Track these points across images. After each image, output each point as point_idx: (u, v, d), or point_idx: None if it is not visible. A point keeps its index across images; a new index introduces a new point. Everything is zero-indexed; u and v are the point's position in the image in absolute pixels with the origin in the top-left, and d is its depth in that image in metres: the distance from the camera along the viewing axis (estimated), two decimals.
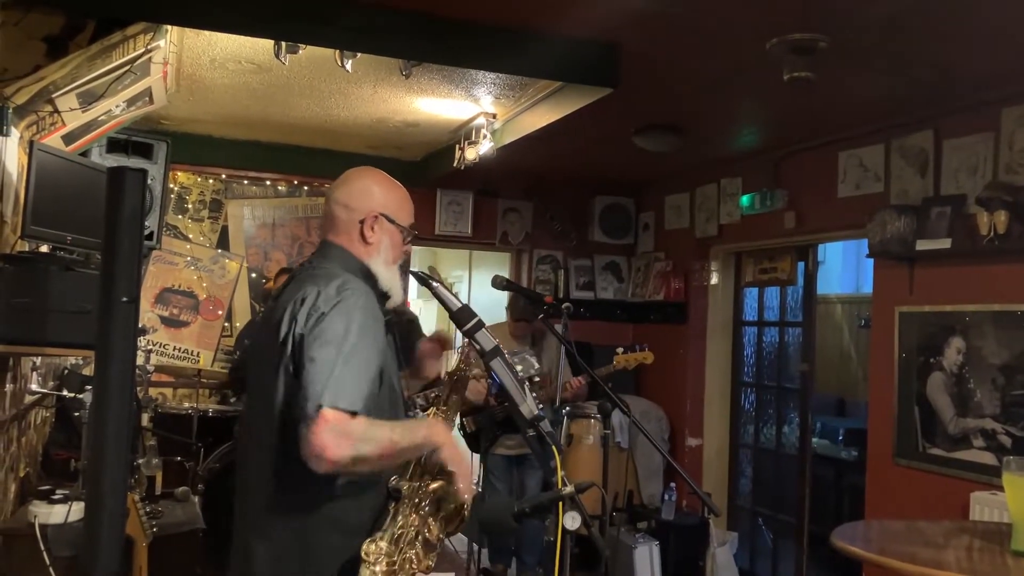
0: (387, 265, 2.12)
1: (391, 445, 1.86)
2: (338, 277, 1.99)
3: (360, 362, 1.86)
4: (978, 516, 3.87)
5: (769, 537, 6.12)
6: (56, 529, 3.21)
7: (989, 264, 4.13)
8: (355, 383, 1.83)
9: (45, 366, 4.16)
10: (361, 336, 1.88)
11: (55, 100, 3.40)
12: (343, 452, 1.77)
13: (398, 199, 2.17)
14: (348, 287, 1.95)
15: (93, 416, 2.50)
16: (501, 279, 3.55)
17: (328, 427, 1.77)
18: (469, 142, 5.27)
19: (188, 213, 6.28)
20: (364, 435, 1.81)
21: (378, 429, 1.85)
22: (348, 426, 1.79)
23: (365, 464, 1.84)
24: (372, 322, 1.95)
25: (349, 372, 1.83)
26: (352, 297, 1.93)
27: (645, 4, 3.25)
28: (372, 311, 1.97)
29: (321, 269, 2.05)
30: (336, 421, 1.78)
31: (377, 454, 1.84)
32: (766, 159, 5.64)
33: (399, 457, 1.91)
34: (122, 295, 2.28)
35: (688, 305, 6.55)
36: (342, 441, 1.77)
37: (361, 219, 2.09)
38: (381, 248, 2.11)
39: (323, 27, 3.46)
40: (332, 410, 1.78)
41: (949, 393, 4.32)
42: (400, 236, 2.15)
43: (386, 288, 2.12)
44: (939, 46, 3.56)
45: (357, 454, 1.80)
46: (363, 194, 2.13)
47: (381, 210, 2.11)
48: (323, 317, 1.88)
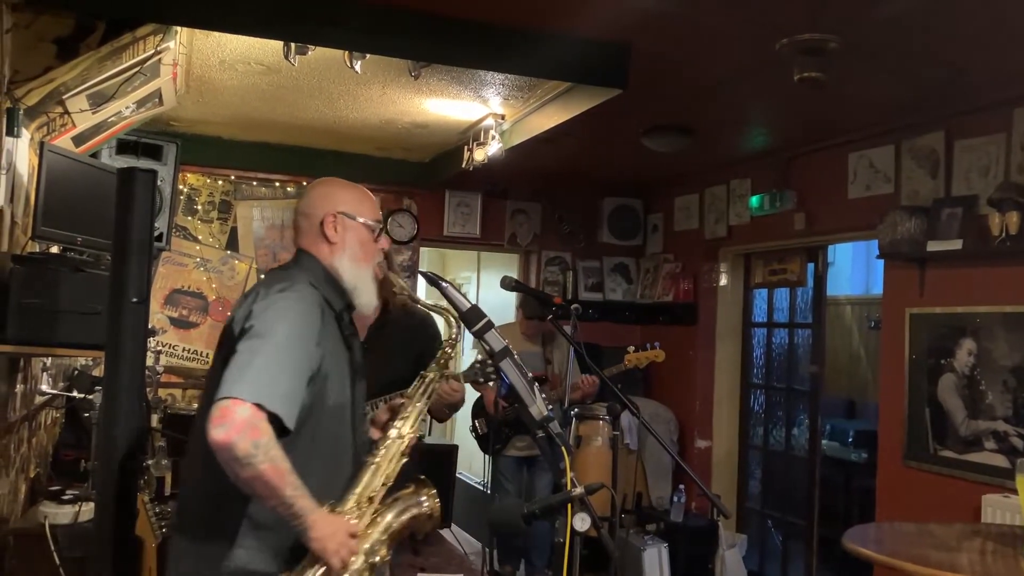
0: (355, 262, 2.10)
1: (279, 478, 1.77)
2: (286, 281, 2.00)
3: (282, 362, 1.83)
4: (990, 519, 3.85)
5: (778, 539, 6.10)
6: (66, 529, 3.22)
7: (1001, 265, 4.10)
8: (271, 380, 1.80)
9: (55, 367, 4.17)
10: (288, 338, 1.86)
11: (65, 101, 3.41)
12: (231, 437, 1.71)
13: (356, 196, 2.16)
14: (291, 290, 1.95)
15: (103, 416, 2.51)
16: (510, 280, 3.55)
17: (228, 411, 1.73)
18: (478, 143, 5.27)
19: (197, 214, 6.29)
20: (261, 440, 1.74)
21: (280, 456, 1.77)
22: (248, 417, 1.74)
23: (246, 470, 1.74)
24: (306, 329, 1.92)
25: (266, 369, 1.80)
26: (287, 301, 1.92)
27: (654, 4, 3.25)
28: (310, 318, 1.94)
29: (279, 273, 2.10)
30: (236, 407, 1.74)
31: (261, 471, 1.74)
32: (776, 160, 5.62)
33: (276, 497, 1.79)
34: (132, 296, 2.29)
35: (697, 306, 6.53)
36: (237, 428, 1.72)
37: (321, 220, 2.09)
38: (347, 246, 2.10)
39: (332, 28, 3.47)
40: (238, 400, 1.74)
41: (960, 395, 4.29)
42: (367, 233, 2.13)
43: (350, 286, 2.09)
44: (950, 46, 3.54)
45: (245, 452, 1.72)
46: (319, 198, 2.14)
47: (339, 208, 2.10)
48: (255, 315, 1.89)
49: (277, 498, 1.78)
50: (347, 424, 2.07)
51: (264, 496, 1.79)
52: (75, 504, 3.36)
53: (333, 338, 2.03)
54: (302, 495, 1.81)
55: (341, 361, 2.05)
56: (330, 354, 1.99)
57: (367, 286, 2.12)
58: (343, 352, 2.07)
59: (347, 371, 2.08)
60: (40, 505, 3.41)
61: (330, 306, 2.05)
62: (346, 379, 2.07)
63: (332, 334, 2.02)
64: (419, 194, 6.68)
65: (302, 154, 6.36)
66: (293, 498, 1.79)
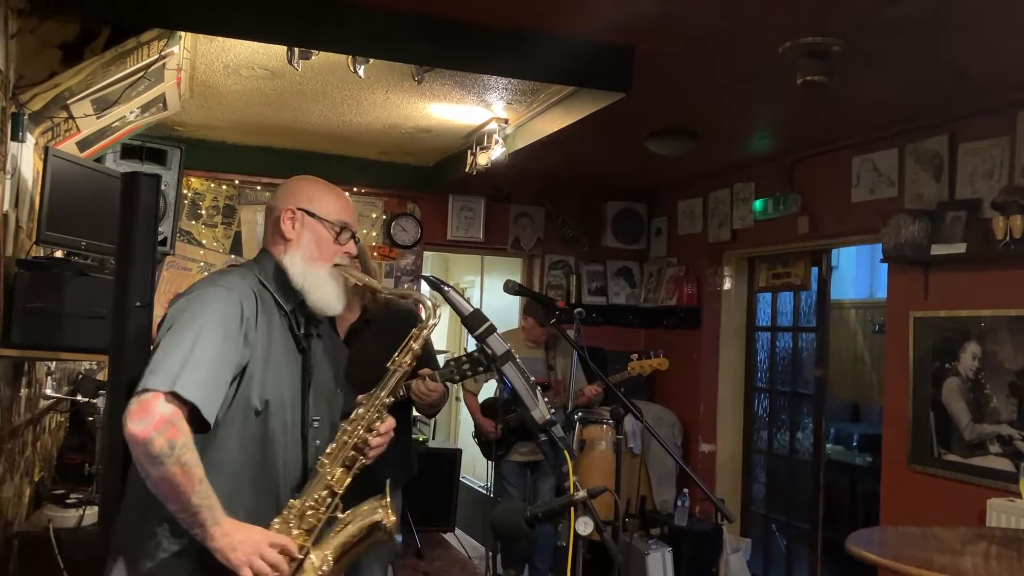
0: (307, 261, 2.01)
1: (188, 483, 1.71)
2: (217, 277, 1.96)
3: (198, 355, 1.76)
4: (995, 523, 3.84)
5: (783, 543, 6.08)
6: (70, 533, 3.22)
7: (1005, 269, 4.09)
8: (188, 370, 1.74)
9: (60, 371, 4.18)
10: (204, 331, 1.79)
11: (70, 106, 3.43)
12: (148, 433, 1.67)
13: (321, 194, 2.07)
14: (212, 286, 1.89)
15: (107, 420, 2.51)
16: (514, 284, 3.55)
17: (148, 405, 1.70)
18: (481, 147, 5.28)
19: (202, 219, 6.31)
20: (178, 441, 1.69)
21: (194, 461, 1.72)
22: (168, 415, 1.70)
23: (157, 469, 1.69)
24: (227, 324, 1.83)
25: (182, 359, 1.74)
26: (205, 296, 1.86)
27: (658, 8, 3.25)
28: (227, 313, 1.85)
29: (221, 271, 2.05)
30: (156, 401, 1.70)
31: (171, 473, 1.69)
32: (779, 163, 5.62)
33: (180, 502, 1.72)
34: (136, 300, 2.29)
35: (701, 310, 6.53)
36: (155, 424, 1.68)
37: (279, 215, 2.03)
38: (301, 243, 2.01)
39: (335, 33, 3.47)
40: (158, 393, 1.70)
41: (965, 399, 4.28)
42: (327, 233, 2.03)
43: (298, 285, 1.99)
44: (953, 49, 3.54)
45: (160, 450, 1.67)
46: (284, 193, 2.07)
47: (300, 204, 2.03)
48: (175, 311, 1.85)
49: (181, 503, 1.72)
50: (288, 428, 1.96)
51: (169, 499, 1.73)
52: (79, 508, 3.37)
53: (276, 339, 1.95)
54: (209, 506, 1.74)
55: (285, 362, 1.97)
56: (264, 354, 1.91)
57: (321, 287, 2.01)
58: (292, 354, 2.00)
59: (295, 372, 1.99)
60: (44, 509, 3.42)
61: (278, 305, 1.98)
62: (293, 380, 1.98)
63: (275, 335, 1.95)
64: (423, 198, 6.68)
65: (306, 159, 6.37)
66: (199, 507, 1.73)
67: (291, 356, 2.00)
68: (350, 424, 1.97)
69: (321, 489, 1.92)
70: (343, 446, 1.95)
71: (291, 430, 1.97)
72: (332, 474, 1.93)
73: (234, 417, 1.87)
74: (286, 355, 1.98)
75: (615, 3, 3.26)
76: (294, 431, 1.98)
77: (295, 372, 2.00)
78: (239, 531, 1.79)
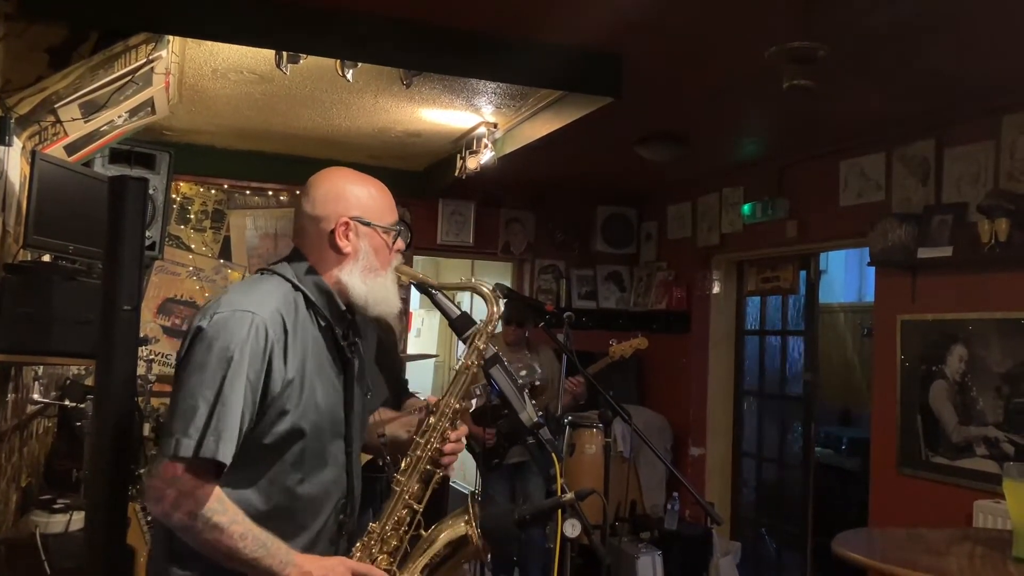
0: (368, 274, 1.85)
1: (231, 542, 1.63)
2: (252, 288, 1.79)
3: (216, 399, 1.63)
4: (982, 524, 3.86)
5: (773, 547, 6.10)
6: (57, 539, 3.21)
7: (991, 272, 4.12)
8: (205, 421, 1.61)
9: (47, 376, 4.16)
10: (229, 382, 1.63)
11: (57, 110, 3.42)
12: (165, 512, 1.62)
13: (371, 196, 1.88)
14: (244, 308, 1.69)
15: (94, 425, 2.51)
16: (503, 288, 3.55)
17: (161, 485, 1.62)
18: (470, 152, 5.28)
19: (190, 223, 6.29)
20: (199, 511, 1.61)
21: (228, 519, 1.63)
22: (181, 490, 1.61)
23: (194, 539, 1.64)
24: (249, 367, 1.66)
25: (198, 408, 1.62)
26: (233, 324, 1.67)
27: (646, 13, 3.26)
28: (256, 352, 1.67)
29: (246, 284, 1.85)
30: (168, 476, 1.60)
31: (207, 540, 1.63)
32: (768, 168, 5.65)
33: (237, 560, 1.65)
34: (123, 304, 2.29)
35: (690, 314, 6.55)
36: (169, 502, 1.61)
37: (331, 228, 1.83)
38: (359, 257, 1.84)
39: (324, 37, 3.48)
40: (173, 464, 1.60)
41: (952, 401, 4.30)
42: (382, 239, 1.88)
43: (360, 302, 1.84)
44: (939, 55, 3.57)
45: (183, 525, 1.62)
46: (329, 199, 1.86)
47: (351, 213, 1.84)
48: (191, 341, 1.69)
49: (237, 560, 1.65)
50: (327, 449, 1.82)
51: (224, 560, 1.65)
52: (66, 513, 3.36)
53: (311, 354, 1.78)
54: (269, 552, 1.66)
55: (320, 379, 1.80)
56: (298, 373, 1.74)
57: (384, 296, 1.87)
58: (330, 367, 1.83)
59: (334, 388, 1.84)
60: (31, 514, 3.40)
61: (317, 320, 1.82)
62: (329, 396, 1.82)
63: (309, 350, 1.78)
64: (413, 203, 6.68)
65: (295, 163, 6.35)
66: (256, 558, 1.64)
67: (329, 371, 1.84)
68: (422, 436, 1.87)
69: (400, 508, 1.85)
70: (418, 460, 1.86)
71: (332, 450, 1.84)
72: (409, 491, 1.85)
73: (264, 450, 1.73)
74: (321, 372, 1.81)
75: (604, 8, 3.27)
76: (336, 450, 1.85)
77: (333, 388, 1.85)
78: (318, 566, 1.71)
